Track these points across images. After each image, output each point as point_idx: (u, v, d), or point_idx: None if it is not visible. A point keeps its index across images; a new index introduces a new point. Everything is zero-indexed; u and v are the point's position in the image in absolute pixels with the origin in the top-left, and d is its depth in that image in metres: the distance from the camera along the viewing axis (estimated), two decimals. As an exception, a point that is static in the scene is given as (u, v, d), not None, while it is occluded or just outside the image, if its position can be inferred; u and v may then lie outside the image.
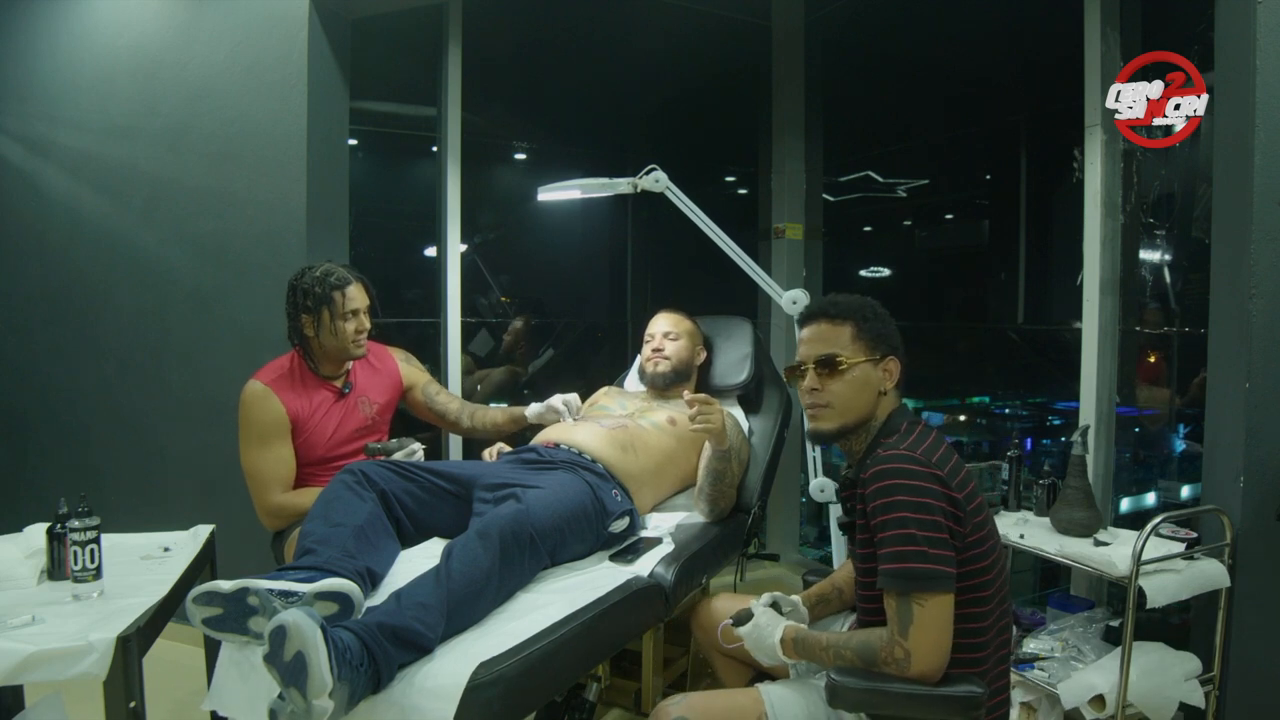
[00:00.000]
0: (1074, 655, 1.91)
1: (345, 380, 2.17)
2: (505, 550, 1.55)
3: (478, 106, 3.24)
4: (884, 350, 1.38)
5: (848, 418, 1.37)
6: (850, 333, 1.38)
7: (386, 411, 2.26)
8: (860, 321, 1.38)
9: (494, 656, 1.36)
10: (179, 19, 2.72)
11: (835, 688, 1.24)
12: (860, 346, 1.37)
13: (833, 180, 3.73)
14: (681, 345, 2.36)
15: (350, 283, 2.09)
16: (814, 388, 1.38)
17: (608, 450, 2.04)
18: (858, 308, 1.40)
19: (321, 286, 2.06)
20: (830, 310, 1.41)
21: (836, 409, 1.37)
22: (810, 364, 1.38)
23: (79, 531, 1.53)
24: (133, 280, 2.84)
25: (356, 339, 2.10)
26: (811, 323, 1.42)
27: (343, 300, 2.07)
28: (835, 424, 1.38)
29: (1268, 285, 1.75)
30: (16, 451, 3.09)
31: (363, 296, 2.12)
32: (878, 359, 1.38)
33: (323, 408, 2.11)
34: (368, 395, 2.20)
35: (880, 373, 1.38)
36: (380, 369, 2.27)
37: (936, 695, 1.22)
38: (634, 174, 2.42)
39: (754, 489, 2.25)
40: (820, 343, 1.39)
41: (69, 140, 2.92)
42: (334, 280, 2.07)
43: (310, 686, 1.20)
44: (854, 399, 1.37)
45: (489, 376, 3.65)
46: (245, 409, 2.05)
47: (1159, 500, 2.59)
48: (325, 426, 2.11)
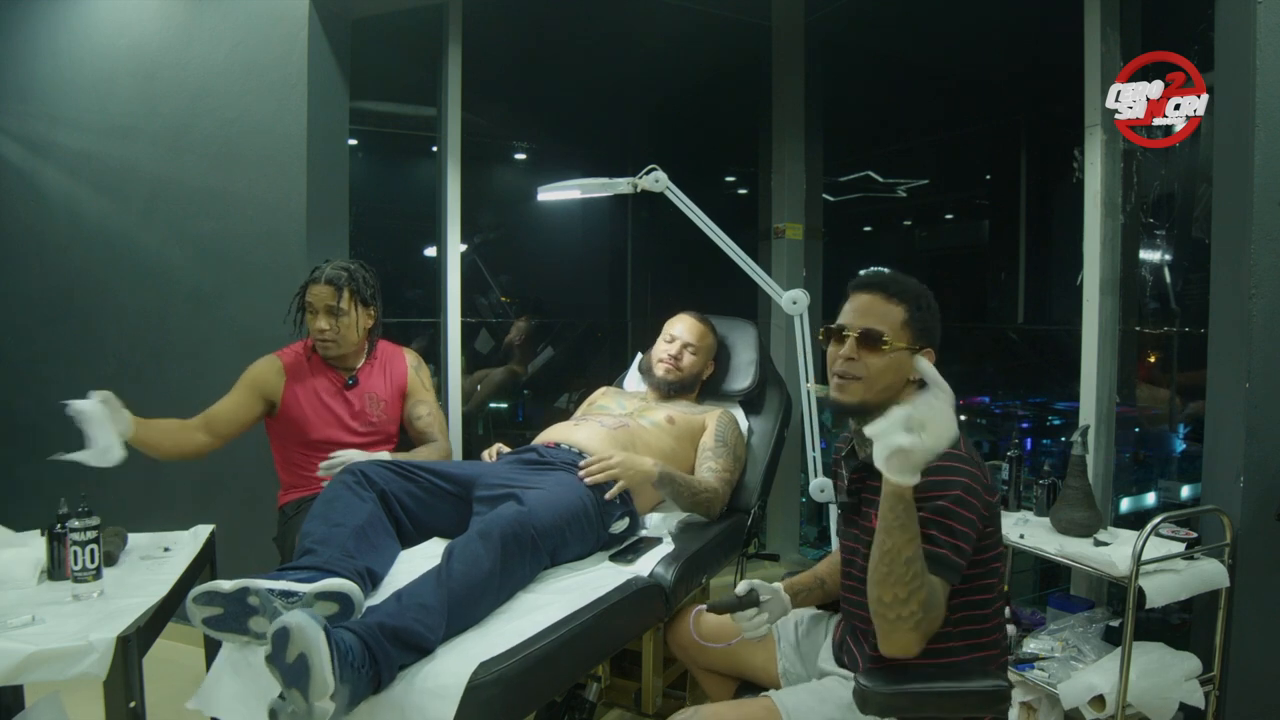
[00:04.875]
0: (1074, 655, 1.91)
1: (352, 375, 2.19)
2: (506, 551, 1.55)
3: (478, 106, 3.24)
4: (925, 342, 1.37)
5: (870, 396, 1.35)
6: (902, 316, 1.36)
7: (394, 410, 2.25)
8: (914, 309, 1.36)
9: (494, 656, 1.36)
10: (178, 19, 2.72)
11: (865, 693, 1.22)
12: (907, 333, 1.35)
13: (833, 180, 3.73)
14: (697, 361, 2.33)
15: (318, 280, 2.10)
16: (851, 357, 1.36)
17: (608, 450, 2.04)
18: (915, 294, 1.38)
19: (308, 278, 2.12)
20: (890, 287, 1.38)
21: (865, 383, 1.35)
22: (854, 333, 1.36)
23: (79, 531, 1.54)
24: (133, 280, 2.84)
25: (316, 335, 2.11)
26: (867, 292, 1.39)
27: (307, 294, 2.12)
28: (858, 398, 1.36)
29: (1268, 285, 1.75)
30: (17, 452, 3.08)
31: (327, 295, 2.09)
32: (917, 349, 1.36)
33: (325, 393, 2.14)
34: (376, 394, 2.21)
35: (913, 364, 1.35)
36: (390, 370, 2.27)
37: (970, 691, 1.23)
38: (634, 174, 2.42)
39: (754, 489, 2.25)
40: (870, 315, 1.36)
41: (69, 140, 2.92)
42: (313, 274, 2.12)
43: (312, 688, 1.20)
44: (884, 380, 1.35)
45: (489, 376, 3.65)
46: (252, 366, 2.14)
47: (1159, 500, 2.59)
48: (324, 410, 2.13)
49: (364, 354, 2.22)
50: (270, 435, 2.22)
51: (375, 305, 2.20)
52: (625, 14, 3.42)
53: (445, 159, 2.93)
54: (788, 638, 1.61)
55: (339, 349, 2.13)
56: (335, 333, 2.10)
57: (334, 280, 2.10)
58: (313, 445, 2.12)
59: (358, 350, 2.20)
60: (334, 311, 2.09)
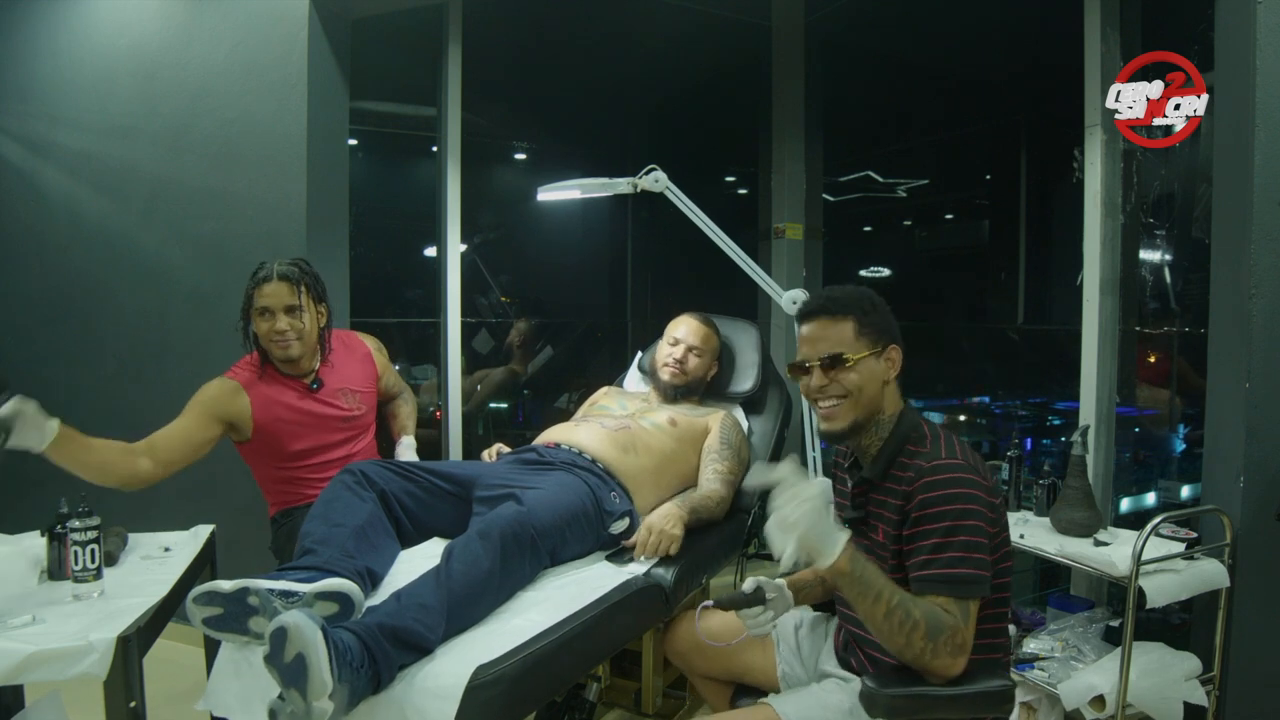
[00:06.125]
0: (1074, 655, 1.91)
1: (314, 377, 2.07)
2: (506, 551, 1.55)
3: (478, 106, 3.24)
4: (885, 340, 1.38)
5: (859, 413, 1.36)
6: (853, 328, 1.36)
7: (371, 398, 2.19)
8: (861, 315, 1.37)
9: (494, 657, 1.36)
10: (178, 19, 2.72)
11: (873, 695, 1.22)
12: (863, 342, 1.36)
13: (833, 180, 3.73)
14: (703, 363, 2.33)
15: (270, 279, 1.96)
16: (822, 385, 1.37)
17: (608, 451, 2.04)
18: (856, 301, 1.38)
19: (251, 281, 1.98)
20: (831, 306, 1.38)
21: (851, 401, 1.36)
22: (815, 363, 1.37)
23: (79, 531, 1.53)
24: (133, 280, 2.84)
25: (274, 338, 1.96)
26: (811, 320, 1.40)
27: (259, 297, 1.96)
28: (848, 421, 1.37)
29: (1268, 285, 1.75)
30: (17, 452, 3.08)
31: (284, 293, 1.96)
32: (880, 350, 1.37)
33: (292, 403, 2.04)
34: (348, 386, 2.13)
35: (884, 363, 1.37)
36: (354, 355, 2.20)
37: (977, 692, 1.23)
38: (634, 174, 2.42)
39: (754, 489, 2.24)
40: (824, 341, 1.37)
41: (69, 140, 2.92)
42: (259, 275, 1.97)
43: (310, 688, 1.20)
44: (866, 393, 1.36)
45: (489, 376, 3.65)
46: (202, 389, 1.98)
47: (1159, 500, 2.59)
48: (298, 420, 2.04)
49: (318, 355, 2.09)
50: (249, 460, 2.11)
51: (325, 302, 2.08)
52: (625, 14, 3.42)
53: (445, 159, 2.93)
54: (787, 641, 1.61)
55: (300, 348, 1.99)
56: (297, 332, 1.97)
57: (288, 276, 1.97)
58: (296, 455, 2.05)
59: (312, 352, 2.06)
60: (292, 310, 1.96)
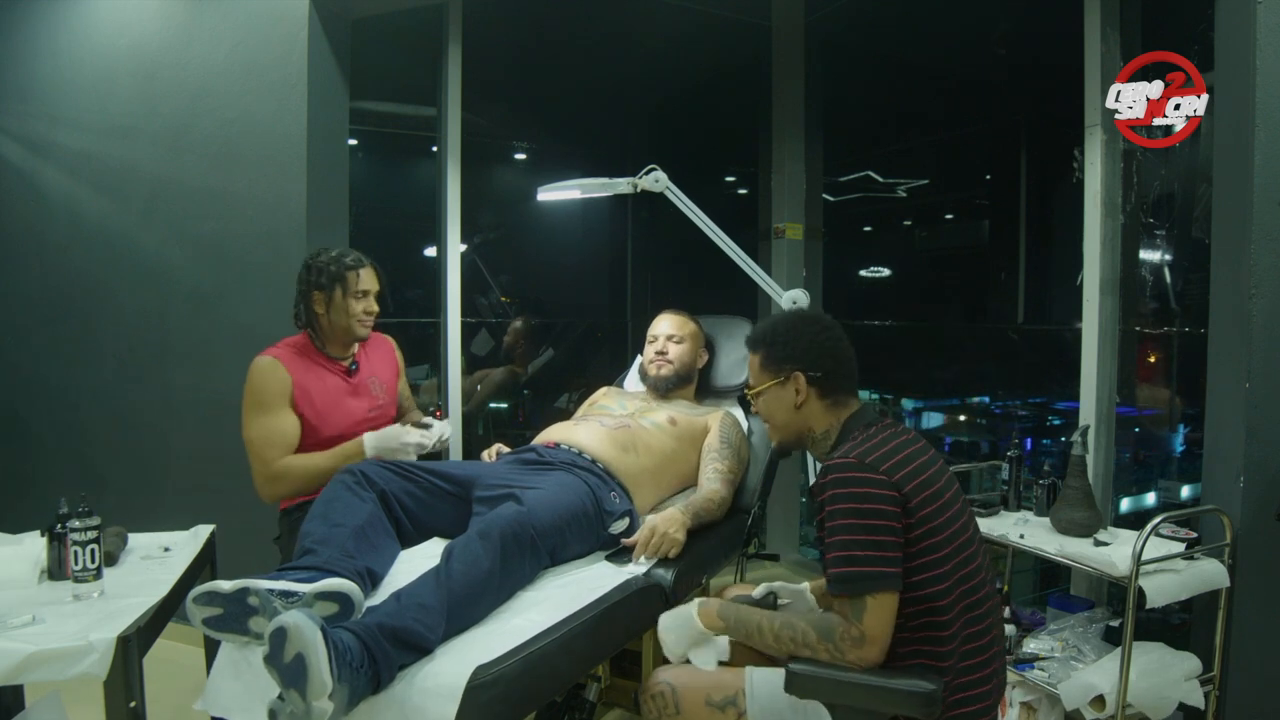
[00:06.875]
0: (1074, 655, 1.91)
1: (352, 360, 2.20)
2: (506, 551, 1.55)
3: (478, 106, 3.25)
4: (790, 368, 1.47)
5: (781, 435, 1.52)
6: (760, 361, 1.51)
7: (393, 392, 2.29)
8: (767, 349, 1.50)
9: (494, 657, 1.36)
10: (178, 19, 2.72)
11: (794, 676, 1.29)
12: (768, 373, 1.49)
13: (833, 180, 3.73)
14: (685, 349, 2.35)
15: (364, 265, 2.16)
16: (756, 411, 1.56)
17: (608, 451, 2.04)
18: (765, 336, 1.51)
19: (337, 265, 2.12)
20: (750, 343, 1.54)
21: (772, 429, 1.53)
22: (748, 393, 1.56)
23: (79, 531, 1.53)
24: (133, 280, 2.84)
25: (364, 319, 2.15)
26: (750, 354, 1.55)
27: (356, 280, 2.13)
28: (776, 440, 1.54)
29: (1268, 285, 1.75)
30: (17, 452, 3.09)
31: (374, 281, 2.18)
32: (783, 380, 1.47)
33: (332, 386, 2.14)
34: (377, 376, 2.23)
35: (790, 391, 1.47)
36: (381, 350, 2.31)
37: (895, 688, 1.25)
38: (634, 174, 2.42)
39: (754, 489, 2.25)
40: (749, 374, 1.55)
41: (69, 140, 2.92)
42: (349, 261, 2.14)
43: (310, 688, 1.20)
44: (777, 420, 1.50)
45: (489, 376, 3.65)
46: (251, 379, 2.07)
47: (1159, 500, 2.59)
48: (336, 404, 2.12)
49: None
50: None
51: None
52: (625, 14, 3.42)
53: (445, 159, 2.93)
54: None
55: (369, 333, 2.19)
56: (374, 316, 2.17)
57: (376, 268, 2.18)
58: (323, 444, 2.09)
59: None
60: (380, 300, 2.18)
